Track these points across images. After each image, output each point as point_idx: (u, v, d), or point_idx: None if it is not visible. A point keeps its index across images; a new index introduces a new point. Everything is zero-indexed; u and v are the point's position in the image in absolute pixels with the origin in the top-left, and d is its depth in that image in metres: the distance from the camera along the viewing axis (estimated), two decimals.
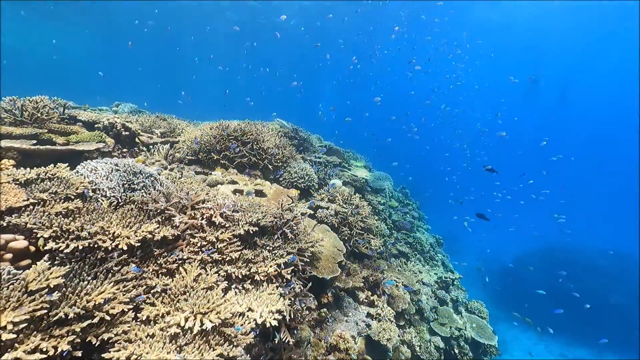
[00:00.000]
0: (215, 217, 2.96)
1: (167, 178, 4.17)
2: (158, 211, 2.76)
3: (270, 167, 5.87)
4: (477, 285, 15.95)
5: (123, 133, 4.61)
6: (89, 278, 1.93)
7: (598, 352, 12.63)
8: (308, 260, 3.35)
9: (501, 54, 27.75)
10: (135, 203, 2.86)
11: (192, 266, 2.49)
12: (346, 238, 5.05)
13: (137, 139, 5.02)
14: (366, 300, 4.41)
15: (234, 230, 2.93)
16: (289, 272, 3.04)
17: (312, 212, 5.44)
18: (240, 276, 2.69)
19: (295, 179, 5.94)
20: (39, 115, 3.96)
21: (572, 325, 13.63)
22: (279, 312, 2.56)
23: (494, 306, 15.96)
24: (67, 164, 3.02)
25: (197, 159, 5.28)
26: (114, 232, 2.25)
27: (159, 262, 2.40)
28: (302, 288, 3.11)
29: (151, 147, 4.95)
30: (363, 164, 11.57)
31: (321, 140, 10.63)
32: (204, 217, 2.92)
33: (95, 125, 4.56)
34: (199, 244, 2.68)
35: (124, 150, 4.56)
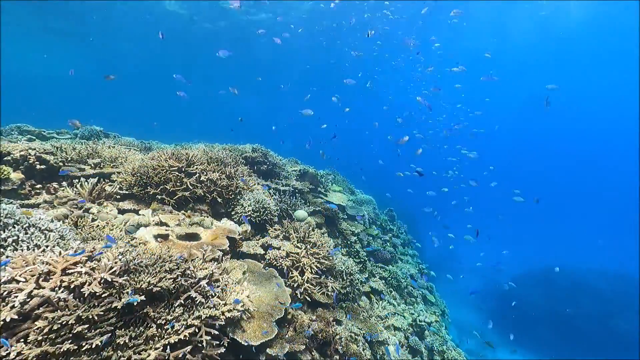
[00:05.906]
0: (90, 284, 2.35)
1: (77, 223, 3.58)
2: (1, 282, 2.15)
3: (219, 200, 5.29)
4: (472, 307, 15.11)
5: (38, 166, 4.06)
6: None
7: None
8: (218, 332, 2.70)
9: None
10: None
11: None
12: (296, 285, 4.40)
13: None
14: None
15: (110, 303, 2.31)
16: (182, 354, 2.40)
17: (262, 253, 4.82)
18: None
19: (249, 213, 5.35)
20: None
21: (571, 349, 13.05)
22: None
23: (491, 330, 15.04)
24: None
25: (131, 194, 4.71)
26: None
27: None
28: None
29: (75, 180, 4.38)
30: (345, 188, 11.01)
31: (297, 163, 10.11)
32: (72, 285, 2.31)
33: (5, 159, 4.01)
34: (47, 329, 2.06)
35: (37, 186, 3.99)
